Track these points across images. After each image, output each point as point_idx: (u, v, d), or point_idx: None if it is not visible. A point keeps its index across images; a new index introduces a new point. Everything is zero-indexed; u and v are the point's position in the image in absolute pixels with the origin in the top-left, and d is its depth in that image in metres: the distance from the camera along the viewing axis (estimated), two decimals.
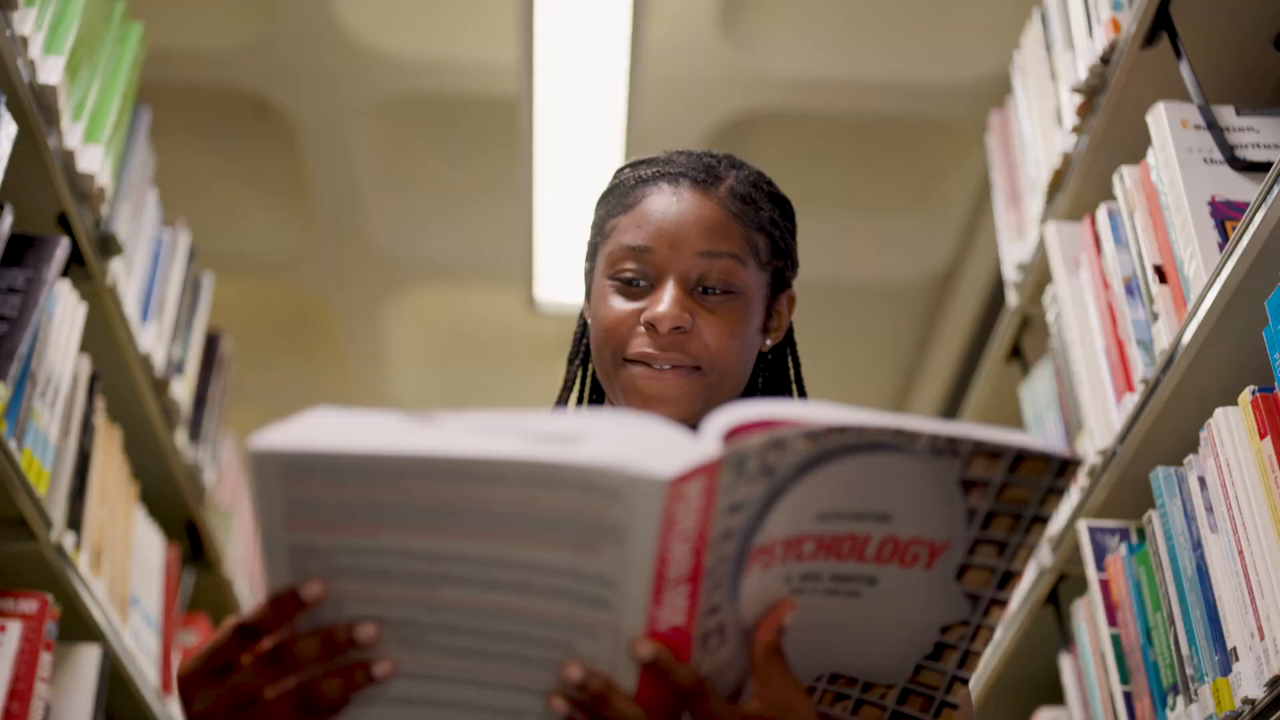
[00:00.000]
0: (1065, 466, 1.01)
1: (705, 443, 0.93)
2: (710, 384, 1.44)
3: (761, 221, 1.50)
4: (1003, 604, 1.06)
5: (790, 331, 1.58)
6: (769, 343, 1.52)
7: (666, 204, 1.47)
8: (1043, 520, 1.03)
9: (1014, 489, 1.01)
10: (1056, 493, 1.02)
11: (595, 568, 0.93)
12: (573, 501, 0.91)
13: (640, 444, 0.91)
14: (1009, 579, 1.05)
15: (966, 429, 0.99)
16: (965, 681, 1.09)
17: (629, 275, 1.46)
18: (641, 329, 1.44)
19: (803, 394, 1.58)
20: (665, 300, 1.43)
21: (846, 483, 0.99)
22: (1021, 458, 1.00)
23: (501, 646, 0.98)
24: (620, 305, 1.46)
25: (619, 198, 1.51)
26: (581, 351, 1.58)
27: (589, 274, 1.55)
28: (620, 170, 1.56)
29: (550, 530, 0.92)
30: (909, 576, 1.05)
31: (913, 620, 1.07)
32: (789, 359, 1.58)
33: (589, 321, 1.54)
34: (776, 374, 1.57)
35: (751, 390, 1.54)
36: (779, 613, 1.03)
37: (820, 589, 1.04)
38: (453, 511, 0.92)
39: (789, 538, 1.00)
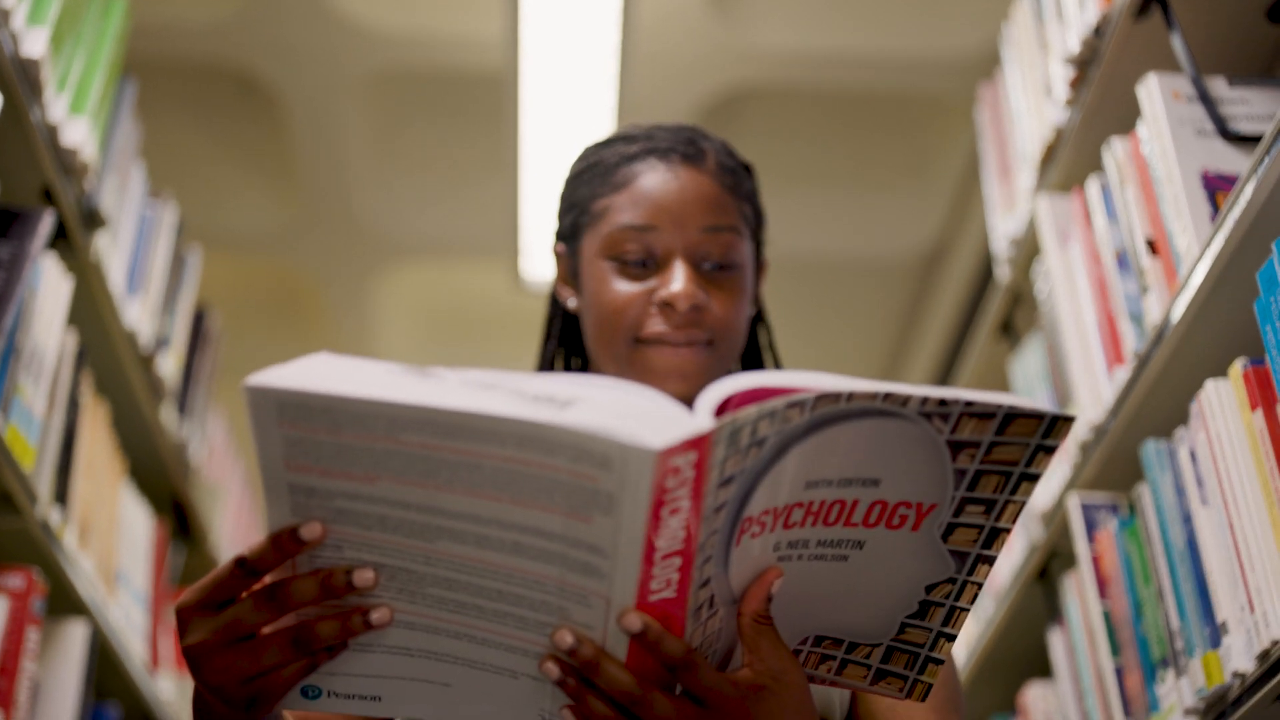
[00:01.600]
0: (1056, 425, 1.01)
1: (698, 416, 0.92)
2: (720, 356, 1.46)
3: (746, 191, 1.53)
4: (990, 561, 1.06)
5: (761, 298, 1.59)
6: (752, 311, 1.54)
7: (663, 181, 1.47)
8: (1032, 478, 1.03)
9: (1004, 448, 1.01)
10: (1047, 451, 1.02)
11: (586, 535, 0.93)
12: (564, 466, 0.90)
13: (634, 413, 0.91)
14: (996, 536, 1.05)
15: (956, 392, 0.99)
16: (951, 638, 1.09)
17: (634, 256, 1.46)
18: (654, 309, 1.44)
19: (777, 361, 1.59)
20: (680, 279, 1.44)
21: (836, 450, 0.99)
22: (1011, 418, 1.00)
23: (496, 605, 0.98)
24: (626, 287, 1.46)
25: (604, 176, 1.50)
26: (557, 334, 1.58)
27: (569, 255, 1.54)
28: (594, 148, 1.55)
29: (542, 493, 0.92)
30: (896, 538, 1.05)
31: (899, 581, 1.07)
32: (762, 326, 1.59)
33: (574, 304, 1.53)
34: (754, 342, 1.58)
35: (744, 360, 1.55)
36: (766, 581, 1.03)
37: (807, 554, 1.04)
38: (448, 466, 0.92)
39: (778, 507, 1.00)
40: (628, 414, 0.91)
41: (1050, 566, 2.36)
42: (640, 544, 0.91)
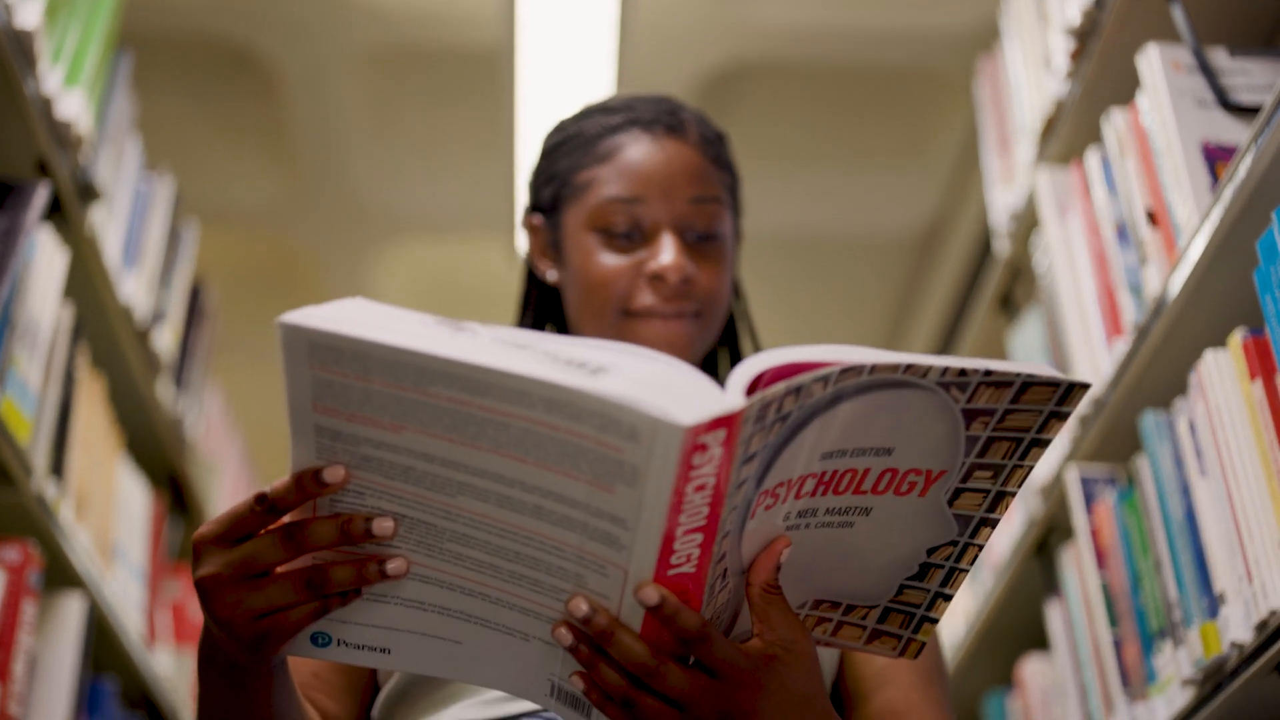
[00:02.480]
0: (1071, 391, 1.00)
1: (730, 394, 0.91)
2: (706, 326, 1.47)
3: (726, 161, 1.53)
4: (993, 524, 1.06)
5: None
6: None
7: (649, 152, 1.47)
8: (1043, 444, 1.03)
9: (1017, 415, 1.01)
10: (1059, 417, 1.02)
11: (608, 505, 0.92)
12: (590, 434, 0.89)
13: (666, 386, 0.90)
14: (1001, 499, 1.05)
15: (975, 361, 0.99)
16: (949, 598, 1.09)
17: (621, 228, 1.45)
18: (643, 282, 1.44)
19: (753, 331, 1.59)
20: (669, 251, 1.44)
21: (853, 421, 0.98)
22: (1027, 386, 1.00)
23: (513, 566, 0.98)
24: (614, 260, 1.46)
25: (586, 148, 1.50)
26: (534, 307, 1.58)
27: (549, 228, 1.53)
28: (572, 120, 1.55)
29: (567, 459, 0.91)
30: (902, 504, 1.04)
31: (902, 545, 1.07)
32: (737, 297, 1.59)
33: (554, 277, 1.53)
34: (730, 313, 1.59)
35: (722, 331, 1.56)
36: (775, 551, 1.02)
37: (815, 523, 1.04)
38: (475, 422, 0.91)
39: (792, 479, 0.99)
40: (660, 386, 0.89)
41: (1048, 540, 2.36)
42: (662, 519, 0.91)
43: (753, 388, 0.92)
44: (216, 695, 1.11)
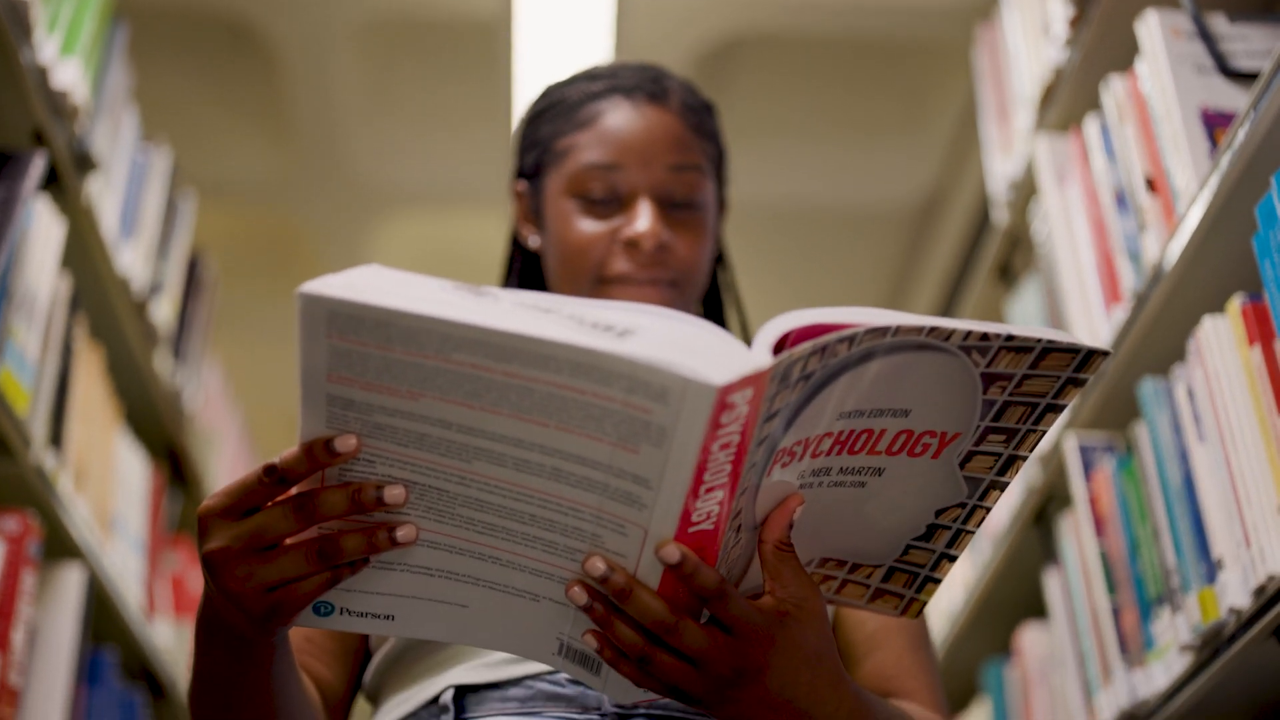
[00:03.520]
0: (1089, 358, 1.01)
1: (756, 352, 0.91)
2: (682, 295, 1.47)
3: (710, 130, 1.52)
4: (1003, 487, 1.07)
5: (721, 238, 1.60)
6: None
7: (628, 119, 1.47)
8: (1058, 409, 1.03)
9: (1034, 381, 1.02)
10: (1076, 384, 1.02)
11: (631, 465, 0.92)
12: (618, 396, 0.89)
13: (694, 347, 0.90)
14: (1012, 463, 1.06)
15: (998, 325, 0.99)
16: (954, 559, 1.10)
17: (598, 195, 1.45)
18: (618, 248, 1.44)
19: (738, 301, 1.60)
20: (645, 218, 1.43)
21: (874, 382, 0.99)
22: (1047, 351, 1.00)
23: (526, 528, 0.98)
24: (590, 226, 1.45)
25: (567, 114, 1.50)
26: (517, 273, 1.58)
27: (531, 194, 1.53)
28: (556, 87, 1.55)
29: (591, 422, 0.91)
30: (915, 465, 1.05)
31: (911, 506, 1.07)
32: (722, 266, 1.60)
33: (536, 243, 1.53)
34: (714, 282, 1.59)
35: (705, 300, 1.56)
36: (789, 508, 1.02)
37: (829, 482, 1.04)
38: (497, 388, 0.91)
39: (810, 437, 0.99)
40: (687, 347, 0.89)
41: (1047, 509, 2.36)
42: (687, 478, 0.91)
43: (778, 347, 0.92)
44: (217, 666, 1.11)
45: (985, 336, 0.98)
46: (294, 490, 0.98)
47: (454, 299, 0.92)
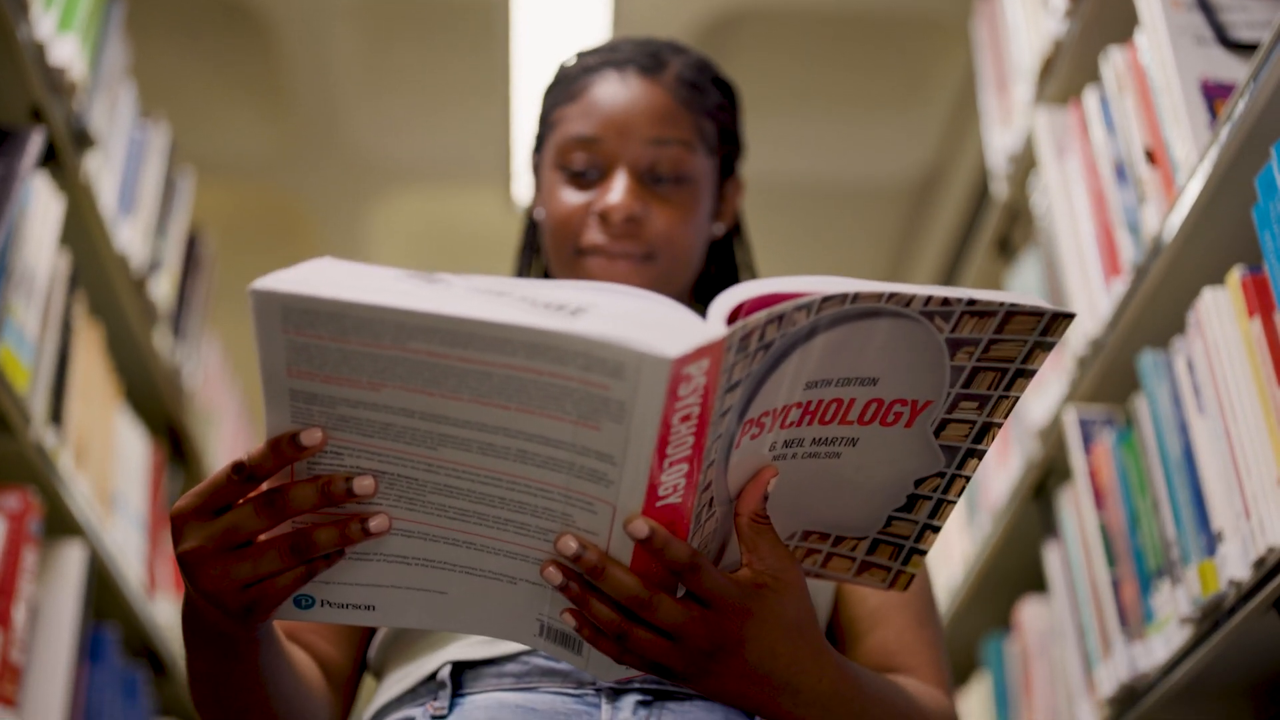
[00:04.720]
0: (1054, 321, 1.01)
1: (710, 323, 0.91)
2: (662, 271, 1.45)
3: (709, 106, 1.50)
4: (980, 455, 1.07)
5: (739, 217, 1.58)
6: (720, 229, 1.53)
7: (614, 92, 1.46)
8: (1028, 374, 1.03)
9: (1001, 345, 1.02)
10: (1044, 348, 1.02)
11: (594, 442, 0.92)
12: (575, 375, 0.89)
13: (646, 321, 0.90)
14: (988, 430, 1.06)
15: (959, 291, 0.99)
16: (937, 530, 1.10)
17: (579, 166, 1.45)
18: (593, 219, 1.44)
19: (755, 277, 1.58)
20: (617, 190, 1.43)
21: (837, 350, 0.99)
22: (1011, 315, 1.00)
23: (497, 512, 0.98)
24: (571, 197, 1.45)
25: (564, 88, 1.50)
26: (528, 249, 1.58)
27: (537, 168, 1.53)
28: (564, 62, 1.55)
29: (551, 402, 0.91)
30: (889, 435, 1.05)
31: (889, 476, 1.08)
32: (739, 244, 1.59)
33: (540, 215, 1.53)
34: (728, 260, 1.57)
35: (704, 277, 1.55)
36: (763, 480, 1.02)
37: (801, 453, 1.04)
38: (455, 374, 0.91)
39: (777, 408, 0.99)
40: (640, 321, 0.90)
41: (1046, 482, 2.37)
42: (650, 451, 0.91)
43: (733, 317, 0.93)
44: (206, 662, 1.12)
45: (946, 301, 0.99)
46: (264, 487, 0.99)
47: (407, 287, 0.92)
